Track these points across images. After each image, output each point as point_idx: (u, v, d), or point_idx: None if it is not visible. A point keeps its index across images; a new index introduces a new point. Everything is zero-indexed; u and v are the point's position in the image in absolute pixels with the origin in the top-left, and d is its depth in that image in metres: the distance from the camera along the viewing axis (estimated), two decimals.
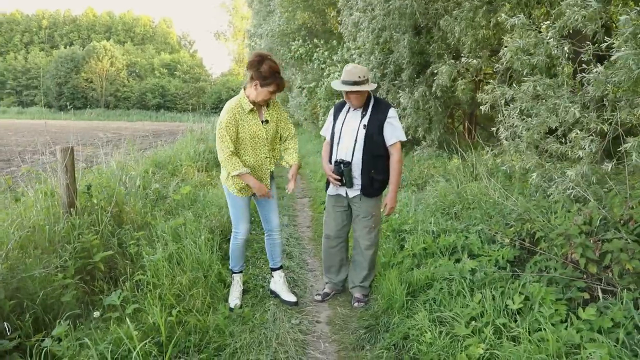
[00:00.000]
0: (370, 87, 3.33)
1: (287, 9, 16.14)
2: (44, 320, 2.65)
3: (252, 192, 3.42)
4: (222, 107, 3.34)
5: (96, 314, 2.69)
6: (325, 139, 3.71)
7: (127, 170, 5.67)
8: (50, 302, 2.76)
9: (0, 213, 3.39)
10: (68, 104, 49.82)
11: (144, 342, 2.45)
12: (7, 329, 2.38)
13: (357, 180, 3.42)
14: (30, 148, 5.14)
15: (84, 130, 12.48)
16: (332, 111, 3.69)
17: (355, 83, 3.28)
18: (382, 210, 3.54)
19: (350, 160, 3.38)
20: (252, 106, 3.21)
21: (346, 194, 3.52)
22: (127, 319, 2.56)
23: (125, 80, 55.41)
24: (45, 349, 2.28)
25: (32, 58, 58.43)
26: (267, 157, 3.37)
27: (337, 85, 3.39)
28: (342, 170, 3.38)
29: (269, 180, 3.47)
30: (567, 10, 3.63)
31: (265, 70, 3.09)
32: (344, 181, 3.42)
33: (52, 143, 4.14)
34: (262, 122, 3.31)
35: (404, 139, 3.43)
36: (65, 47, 58.80)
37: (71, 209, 3.66)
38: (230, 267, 3.67)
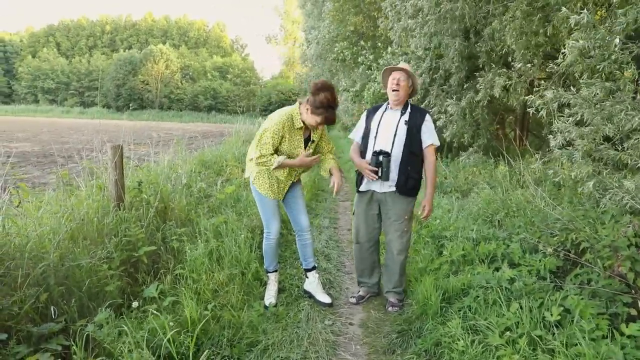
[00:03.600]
0: (412, 72, 3.44)
1: (337, 17, 16.16)
2: (88, 307, 2.79)
3: (282, 195, 3.50)
4: (271, 110, 3.46)
5: (135, 304, 2.81)
6: (354, 142, 3.70)
7: (175, 168, 5.88)
8: (95, 291, 2.91)
9: (55, 205, 3.59)
10: (122, 104, 52.22)
11: (176, 331, 2.54)
12: (55, 313, 2.54)
13: (394, 175, 3.36)
14: (89, 146, 5.40)
15: (139, 130, 13.03)
16: (363, 115, 3.70)
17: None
18: (419, 213, 3.49)
19: (389, 152, 3.34)
20: (302, 124, 3.29)
21: (378, 190, 3.47)
22: (164, 311, 2.67)
23: (179, 82, 57.29)
24: (87, 333, 2.41)
25: (94, 61, 61.67)
26: (294, 170, 3.46)
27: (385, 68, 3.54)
28: (381, 160, 3.30)
29: (288, 185, 3.53)
30: (628, 12, 3.46)
31: (320, 100, 3.15)
32: (381, 173, 3.31)
33: (108, 141, 4.35)
34: (310, 141, 3.40)
35: (437, 144, 3.44)
36: (124, 51, 61.67)
37: (119, 204, 3.84)
38: (265, 267, 3.72)
